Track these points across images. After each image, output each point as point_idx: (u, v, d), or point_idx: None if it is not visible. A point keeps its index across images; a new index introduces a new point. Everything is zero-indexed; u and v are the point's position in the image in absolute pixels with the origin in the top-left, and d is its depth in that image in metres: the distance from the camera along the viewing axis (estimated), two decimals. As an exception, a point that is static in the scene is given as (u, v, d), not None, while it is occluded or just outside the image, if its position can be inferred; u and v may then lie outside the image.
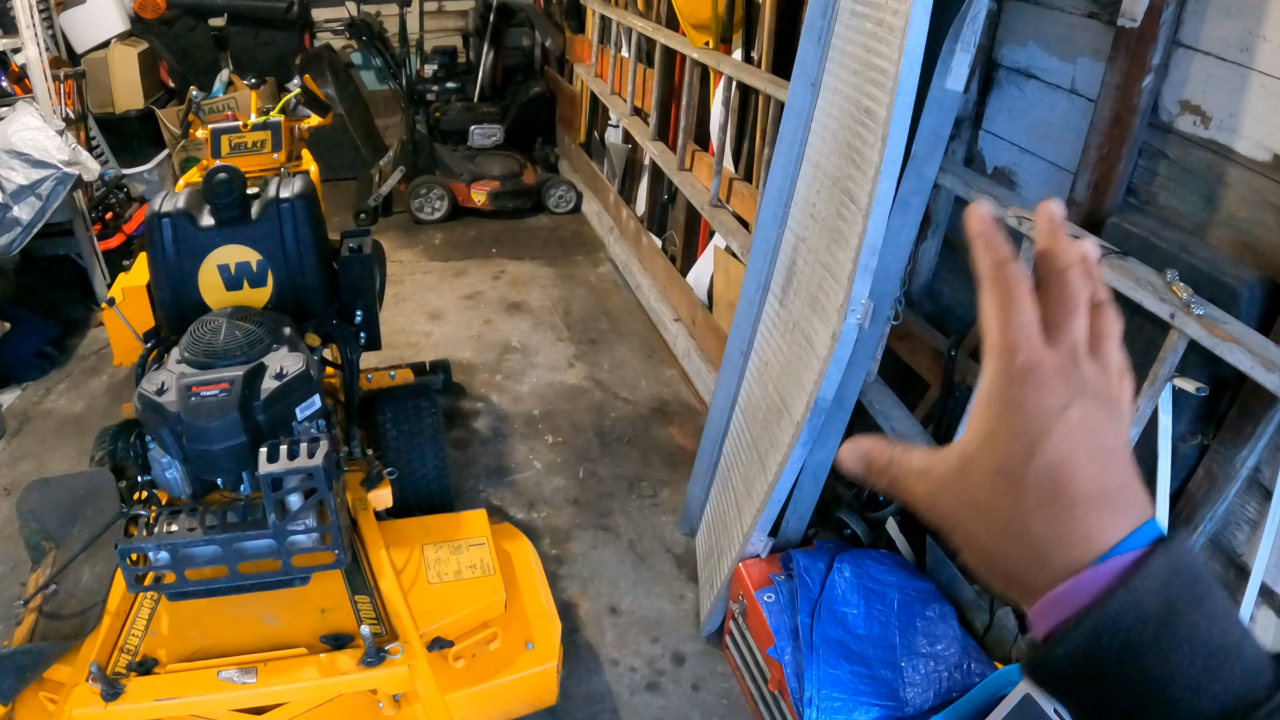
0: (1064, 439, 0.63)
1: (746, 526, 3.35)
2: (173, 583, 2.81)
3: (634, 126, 6.35)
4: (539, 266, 7.00)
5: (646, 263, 6.36)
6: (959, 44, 2.84)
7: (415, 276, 6.74)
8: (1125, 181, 2.74)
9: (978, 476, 0.66)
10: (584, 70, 7.61)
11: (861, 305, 2.76)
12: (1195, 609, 0.59)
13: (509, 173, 7.70)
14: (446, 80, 8.41)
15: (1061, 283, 0.68)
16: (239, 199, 3.30)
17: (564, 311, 6.31)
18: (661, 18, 5.79)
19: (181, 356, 2.94)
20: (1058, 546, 0.62)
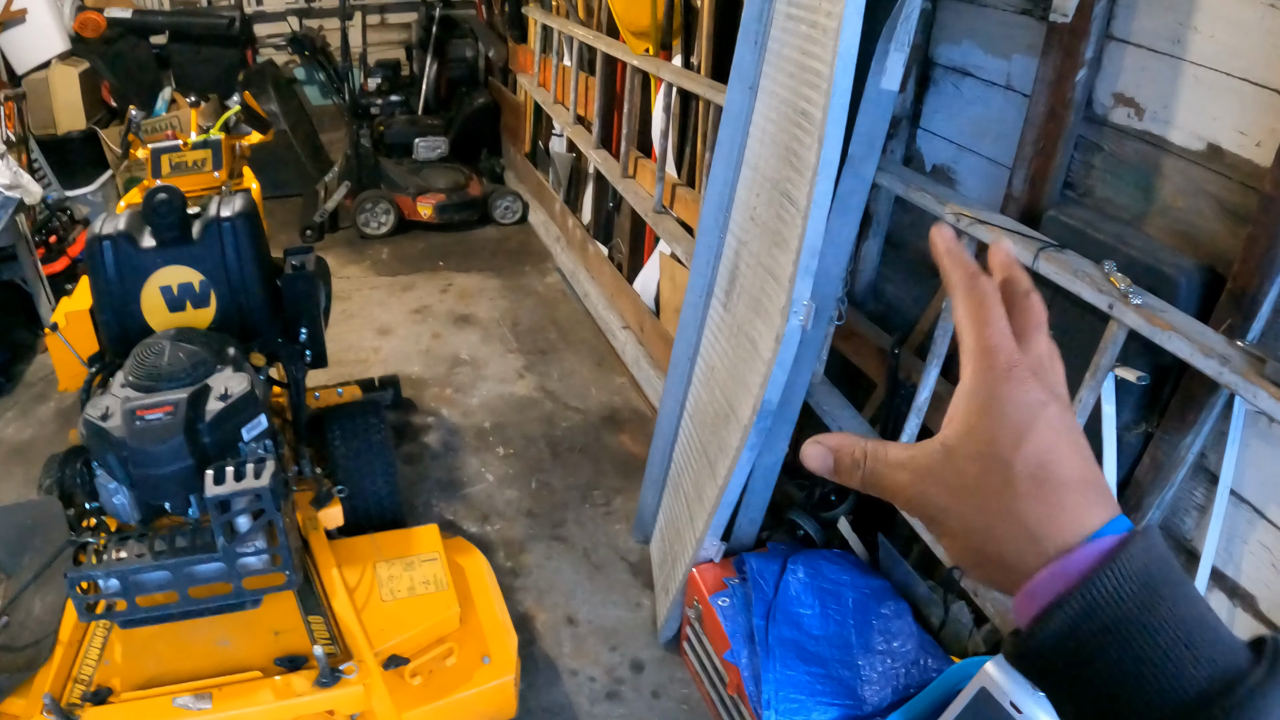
0: (1049, 429, 0.66)
1: (699, 531, 3.36)
2: (124, 610, 2.78)
3: (577, 135, 6.35)
4: (487, 278, 6.97)
5: (593, 271, 6.37)
6: (893, 44, 2.86)
7: (363, 292, 6.70)
8: (1062, 175, 2.78)
9: (965, 463, 0.68)
10: (527, 80, 7.60)
11: (804, 307, 2.78)
12: (1174, 590, 0.61)
13: (454, 185, 7.67)
14: (390, 93, 8.38)
15: (1026, 304, 0.73)
16: (180, 219, 3.27)
17: (512, 323, 6.29)
18: (602, 25, 5.80)
19: (126, 380, 2.91)
20: (1049, 524, 0.64)
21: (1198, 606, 0.61)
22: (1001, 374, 0.67)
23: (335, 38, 8.22)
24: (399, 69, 9.00)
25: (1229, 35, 2.24)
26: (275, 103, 7.88)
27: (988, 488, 0.66)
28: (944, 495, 0.69)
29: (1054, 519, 0.64)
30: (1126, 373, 2.35)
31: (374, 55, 9.28)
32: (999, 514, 0.66)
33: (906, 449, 0.72)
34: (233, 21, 8.20)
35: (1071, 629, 0.61)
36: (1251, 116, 2.21)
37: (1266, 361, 1.97)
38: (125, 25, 7.93)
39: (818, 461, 0.75)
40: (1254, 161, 2.21)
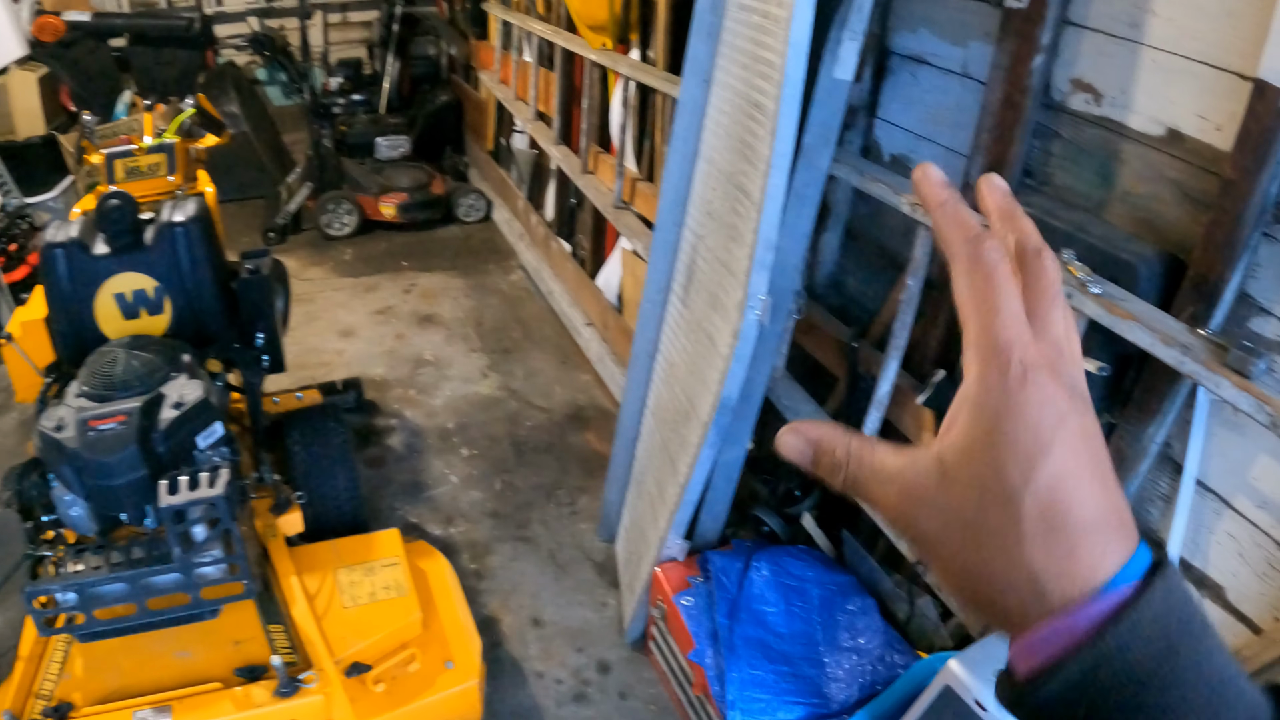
0: (1066, 453, 0.56)
1: (661, 530, 3.35)
2: (83, 623, 2.74)
3: (538, 131, 6.33)
4: (450, 277, 6.94)
5: (557, 268, 6.35)
6: (846, 32, 2.86)
7: (326, 294, 6.65)
8: (1020, 163, 2.77)
9: (963, 490, 0.58)
10: (488, 76, 7.57)
11: (760, 301, 2.77)
12: (1194, 644, 0.54)
13: (417, 184, 7.63)
14: (352, 92, 8.32)
15: (1037, 268, 0.61)
16: (132, 225, 3.23)
17: (476, 322, 6.27)
18: (561, 20, 5.77)
19: (80, 390, 2.87)
20: (1058, 578, 0.55)
21: (1219, 659, 0.54)
22: (1015, 380, 0.56)
23: (296, 37, 8.17)
24: (361, 68, 8.93)
25: (1187, 18, 2.23)
26: (236, 104, 7.79)
27: (988, 524, 0.56)
28: (935, 523, 0.59)
29: (1064, 570, 0.55)
30: (1087, 364, 2.35)
31: (335, 54, 9.23)
32: (998, 556, 0.56)
33: (897, 457, 0.62)
34: (192, 23, 8.10)
35: (1078, 686, 0.53)
36: (1211, 100, 2.20)
37: (1229, 350, 1.97)
38: (84, 28, 7.82)
39: (794, 452, 0.65)
40: (1214, 146, 2.20)
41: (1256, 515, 2.20)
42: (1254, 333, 2.16)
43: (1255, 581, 2.22)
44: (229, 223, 3.65)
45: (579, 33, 5.30)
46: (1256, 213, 2.06)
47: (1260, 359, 1.92)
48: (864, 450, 0.63)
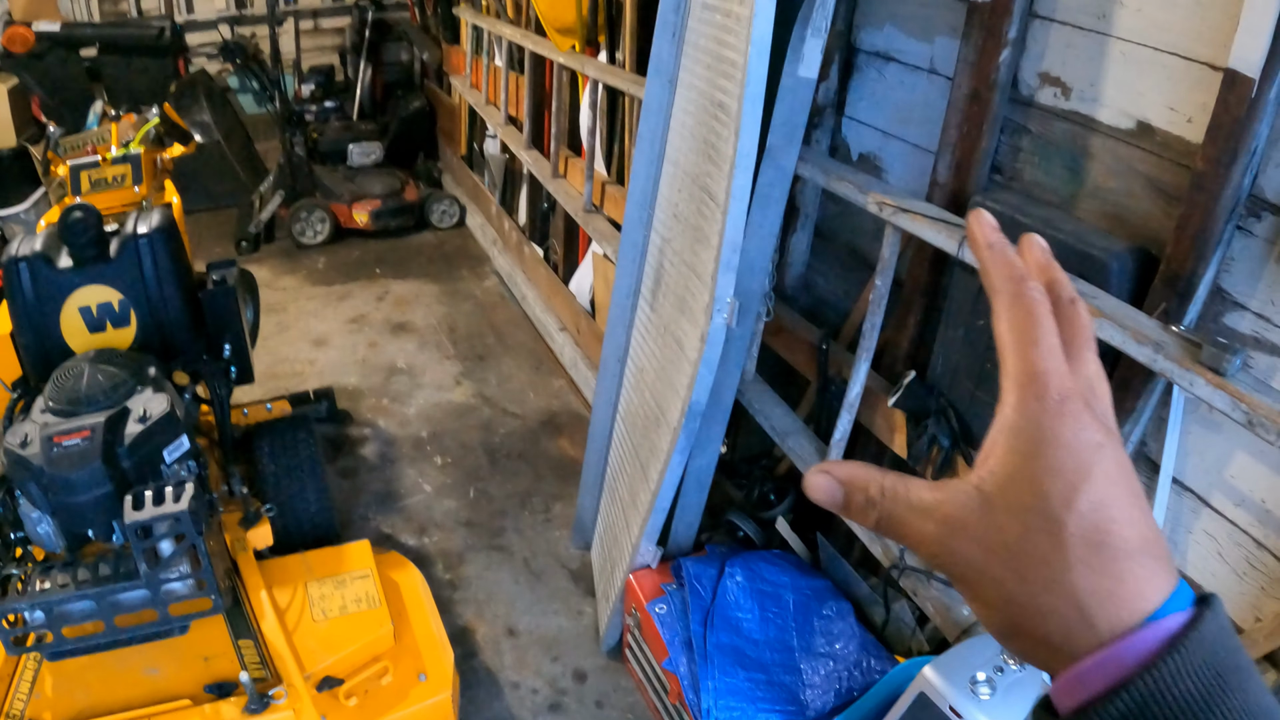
0: (1106, 480, 0.56)
1: (634, 537, 3.33)
2: (51, 642, 2.72)
3: (509, 135, 6.31)
4: (424, 284, 6.91)
5: (530, 273, 6.33)
6: (809, 29, 2.84)
7: (298, 303, 6.61)
8: (989, 159, 2.76)
9: (1005, 517, 0.57)
10: (460, 81, 7.55)
11: (727, 304, 2.75)
12: (1242, 678, 0.53)
13: (390, 191, 7.60)
14: (324, 99, 8.31)
15: (1072, 314, 0.63)
16: (96, 237, 3.21)
17: (450, 329, 6.24)
18: (531, 24, 5.75)
19: (46, 405, 2.86)
20: (1106, 603, 0.54)
21: (1263, 695, 0.53)
22: (1053, 408, 0.57)
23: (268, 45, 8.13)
24: (333, 75, 8.92)
25: (1156, 9, 2.22)
26: (208, 113, 7.76)
27: (1033, 551, 0.56)
28: (978, 554, 0.58)
29: (1112, 595, 0.54)
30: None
31: (307, 61, 9.20)
32: (1045, 584, 0.56)
33: (934, 490, 0.61)
34: (163, 31, 8.07)
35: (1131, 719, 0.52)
36: (1181, 92, 2.20)
37: (1202, 347, 1.96)
38: (54, 39, 7.78)
39: (824, 494, 0.64)
40: (1185, 138, 2.20)
41: (1234, 513, 2.20)
42: (1228, 328, 2.16)
43: (1234, 580, 2.22)
44: (201, 232, 3.63)
45: (548, 36, 5.29)
46: (1229, 205, 2.05)
47: (1235, 355, 1.91)
48: (898, 486, 0.62)
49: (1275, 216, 2.05)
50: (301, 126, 7.65)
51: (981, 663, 2.33)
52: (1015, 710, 2.26)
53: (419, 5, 8.77)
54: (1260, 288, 2.12)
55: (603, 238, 4.70)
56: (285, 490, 3.71)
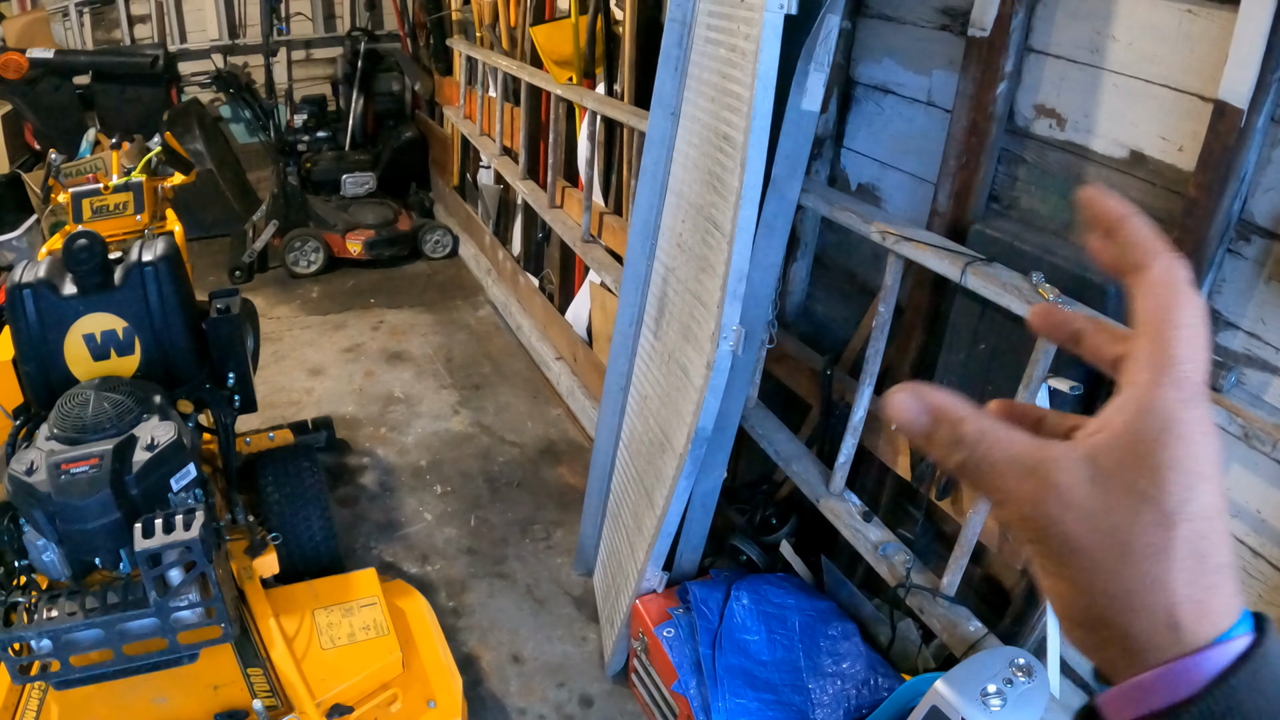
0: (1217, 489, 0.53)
1: (640, 562, 3.34)
2: (58, 671, 2.71)
3: (504, 166, 6.33)
4: (418, 314, 6.92)
5: (525, 303, 6.34)
6: (812, 64, 2.88)
7: (294, 332, 6.61)
8: (986, 188, 2.80)
9: (1119, 499, 0.53)
10: (453, 112, 7.57)
11: (733, 332, 2.77)
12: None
13: (383, 220, 7.61)
14: (317, 129, 8.31)
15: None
16: (100, 265, 3.21)
17: (445, 358, 6.24)
18: (526, 56, 5.79)
19: (50, 433, 2.84)
20: (1195, 612, 0.52)
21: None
22: (1189, 400, 0.53)
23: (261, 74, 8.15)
24: (325, 104, 8.93)
25: (1147, 42, 2.27)
26: (201, 142, 7.77)
27: (1141, 540, 0.52)
28: (1080, 530, 0.53)
29: (1201, 606, 0.52)
30: (1059, 383, 2.37)
31: (300, 91, 9.21)
32: (1143, 576, 0.52)
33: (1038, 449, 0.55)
34: (156, 60, 8.08)
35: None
36: (1173, 122, 2.25)
37: (1197, 368, 1.99)
38: (48, 66, 7.79)
39: (906, 417, 0.59)
40: (1177, 166, 2.25)
41: (1231, 525, 2.21)
42: (1221, 346, 2.20)
43: (1232, 590, 2.23)
44: (195, 261, 3.63)
45: (545, 68, 5.32)
46: (1220, 230, 2.10)
47: (1229, 372, 1.95)
48: (998, 432, 0.57)
49: (1264, 239, 2.10)
50: (294, 156, 7.67)
51: (991, 675, 2.35)
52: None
53: (411, 36, 8.82)
54: (1251, 307, 2.16)
55: (601, 267, 4.72)
56: (290, 519, 3.71)
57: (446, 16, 7.72)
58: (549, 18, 5.37)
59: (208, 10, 9.01)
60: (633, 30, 4.28)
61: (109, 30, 8.94)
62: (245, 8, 8.99)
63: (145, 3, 8.77)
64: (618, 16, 4.55)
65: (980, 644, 2.70)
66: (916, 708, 2.46)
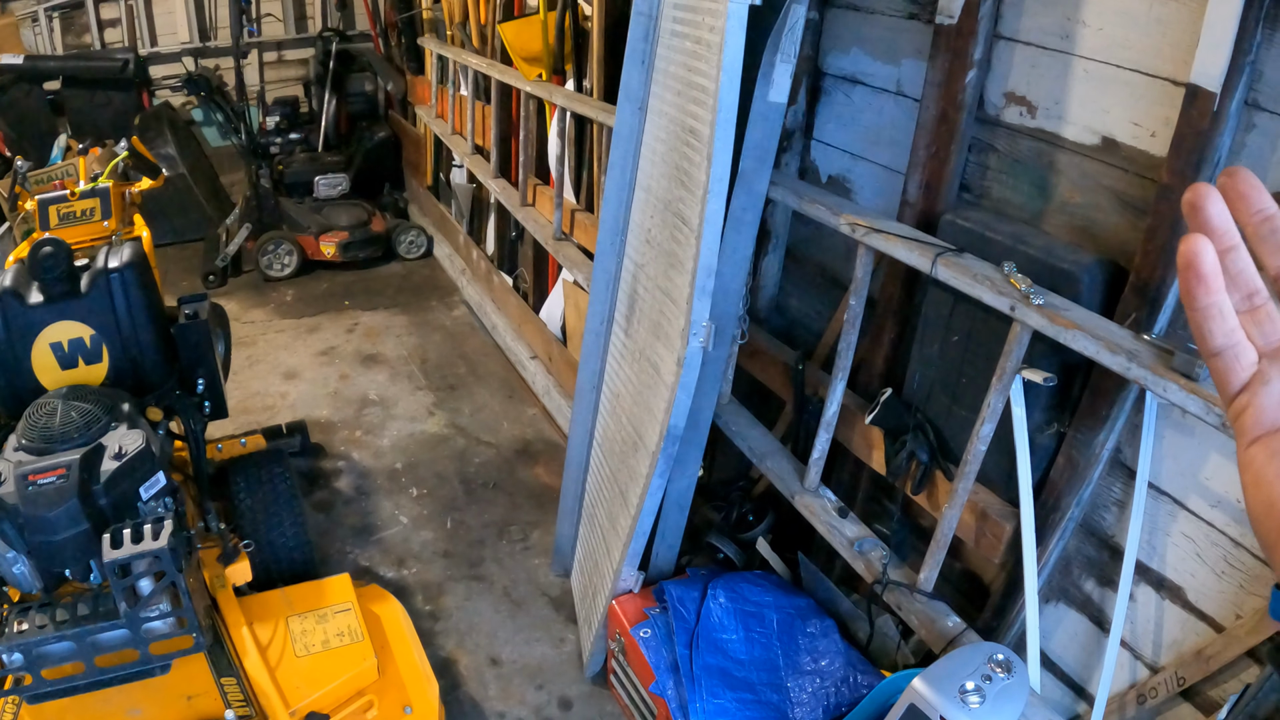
0: None
1: (615, 563, 3.32)
2: (30, 684, 2.68)
3: (476, 165, 6.31)
4: (393, 315, 6.89)
5: (500, 302, 6.32)
6: (779, 55, 2.87)
7: (268, 336, 6.57)
8: (957, 178, 2.80)
9: None
10: (425, 112, 7.55)
11: (703, 328, 2.76)
12: None
13: (357, 222, 7.57)
14: (289, 131, 8.26)
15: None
16: (66, 272, 3.18)
17: (421, 359, 6.22)
18: (496, 53, 5.76)
19: (18, 443, 2.81)
20: None
21: None
22: None
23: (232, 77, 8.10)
24: (298, 106, 8.88)
25: (1118, 27, 2.27)
26: (173, 146, 7.73)
27: None
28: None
29: None
30: (1033, 374, 2.37)
31: (272, 93, 9.17)
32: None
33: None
34: (127, 64, 8.04)
35: None
36: (1145, 107, 2.24)
37: (1174, 354, 1.99)
38: (17, 71, 7.74)
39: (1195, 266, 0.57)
40: (1149, 152, 2.25)
41: (1211, 514, 2.22)
42: (1195, 334, 2.19)
43: (1214, 580, 2.24)
44: (168, 266, 3.61)
45: (514, 65, 5.30)
46: (1193, 217, 2.08)
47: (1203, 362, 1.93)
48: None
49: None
50: (267, 159, 7.63)
51: (969, 672, 2.34)
52: (1005, 717, 2.27)
53: (383, 35, 8.78)
54: (1224, 294, 2.15)
55: (573, 265, 4.70)
56: (263, 525, 3.68)
57: (418, 15, 7.68)
58: (518, 14, 5.34)
59: (178, 13, 8.95)
60: (601, 25, 4.26)
61: (79, 35, 8.88)
62: (216, 10, 8.93)
63: (115, 6, 8.71)
64: (586, 12, 4.53)
65: (959, 639, 2.70)
66: (895, 706, 2.45)
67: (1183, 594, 2.33)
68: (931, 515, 2.90)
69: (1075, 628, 2.65)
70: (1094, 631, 2.59)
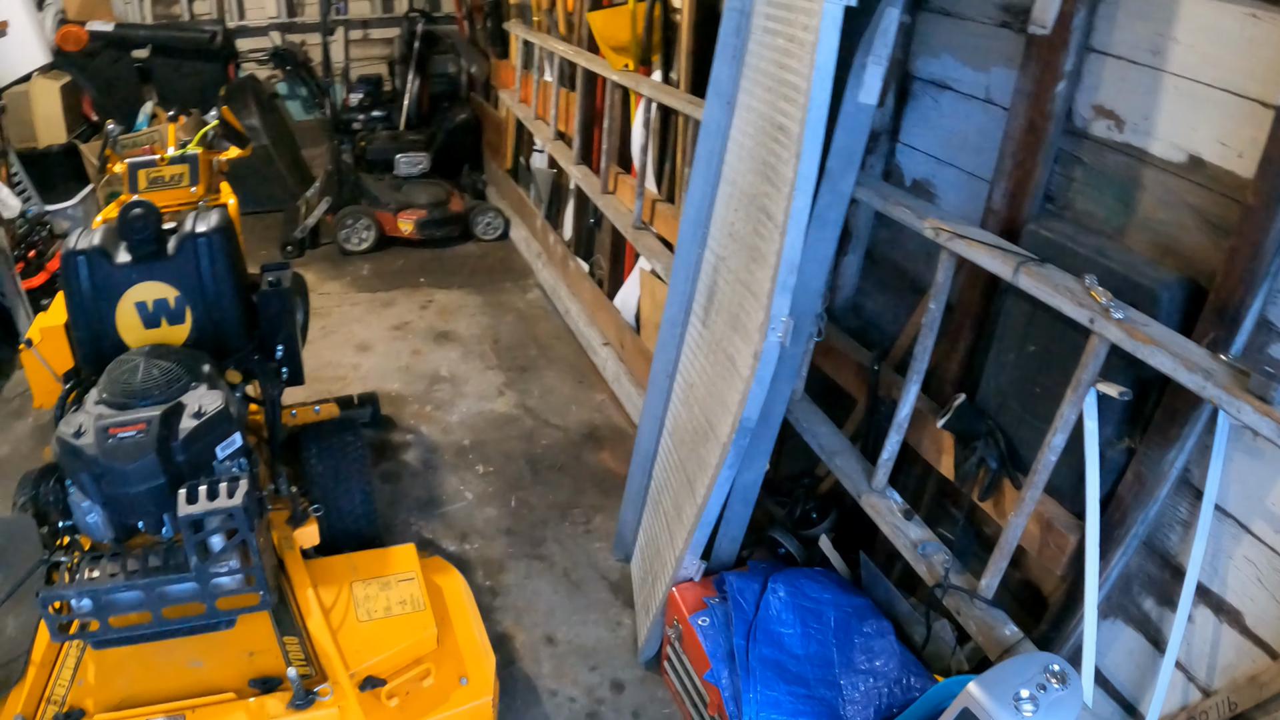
0: None
1: (678, 550, 3.33)
2: (97, 630, 2.74)
3: (558, 151, 6.34)
4: (467, 294, 6.95)
5: (574, 287, 6.35)
6: (870, 57, 2.85)
7: (343, 308, 6.65)
8: (1042, 188, 2.76)
9: None
10: (508, 96, 7.59)
11: (782, 323, 2.76)
12: None
13: (436, 201, 7.64)
14: (372, 109, 8.35)
15: None
16: (155, 234, 3.24)
17: (493, 339, 6.27)
18: (583, 41, 5.79)
19: (99, 397, 2.88)
20: None
21: None
22: None
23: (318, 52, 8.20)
24: (381, 84, 8.97)
25: (1209, 45, 2.23)
26: (257, 118, 7.85)
27: None
28: None
29: None
30: (1108, 388, 2.34)
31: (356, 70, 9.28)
32: None
33: None
34: (214, 36, 8.16)
35: None
36: (1233, 127, 2.20)
37: (1250, 375, 1.96)
38: (107, 39, 7.88)
39: None
40: (1236, 173, 2.20)
41: (1274, 540, 2.19)
42: (1274, 358, 2.16)
43: (1273, 606, 2.20)
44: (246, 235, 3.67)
45: (601, 53, 5.32)
46: (1278, 239, 2.05)
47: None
48: None
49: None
50: (349, 134, 7.72)
51: (1024, 681, 2.32)
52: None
53: (469, 18, 8.84)
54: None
55: (652, 254, 4.71)
56: (332, 491, 3.73)
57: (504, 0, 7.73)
58: (607, 3, 5.36)
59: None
60: (691, 18, 4.27)
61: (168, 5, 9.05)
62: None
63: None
64: (675, 4, 4.54)
65: (1015, 648, 2.68)
66: (949, 709, 2.44)
67: (1241, 618, 2.29)
68: (995, 522, 2.88)
69: (1131, 645, 2.62)
70: (1149, 650, 2.56)
